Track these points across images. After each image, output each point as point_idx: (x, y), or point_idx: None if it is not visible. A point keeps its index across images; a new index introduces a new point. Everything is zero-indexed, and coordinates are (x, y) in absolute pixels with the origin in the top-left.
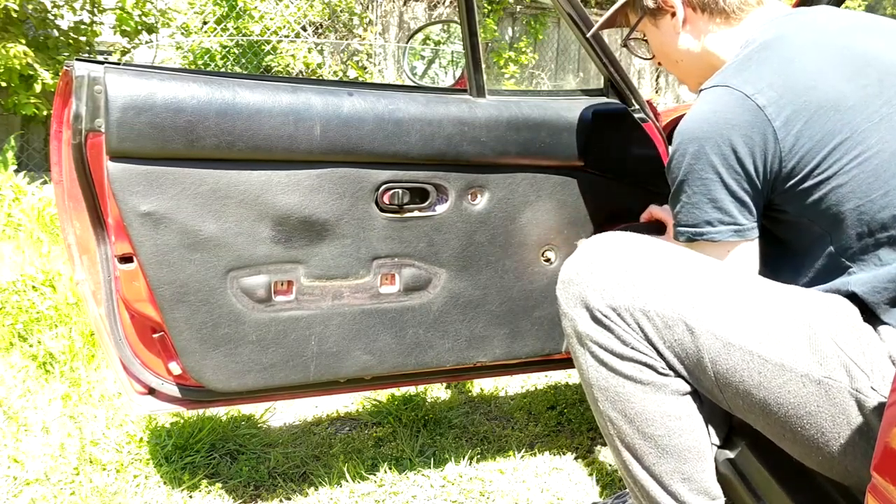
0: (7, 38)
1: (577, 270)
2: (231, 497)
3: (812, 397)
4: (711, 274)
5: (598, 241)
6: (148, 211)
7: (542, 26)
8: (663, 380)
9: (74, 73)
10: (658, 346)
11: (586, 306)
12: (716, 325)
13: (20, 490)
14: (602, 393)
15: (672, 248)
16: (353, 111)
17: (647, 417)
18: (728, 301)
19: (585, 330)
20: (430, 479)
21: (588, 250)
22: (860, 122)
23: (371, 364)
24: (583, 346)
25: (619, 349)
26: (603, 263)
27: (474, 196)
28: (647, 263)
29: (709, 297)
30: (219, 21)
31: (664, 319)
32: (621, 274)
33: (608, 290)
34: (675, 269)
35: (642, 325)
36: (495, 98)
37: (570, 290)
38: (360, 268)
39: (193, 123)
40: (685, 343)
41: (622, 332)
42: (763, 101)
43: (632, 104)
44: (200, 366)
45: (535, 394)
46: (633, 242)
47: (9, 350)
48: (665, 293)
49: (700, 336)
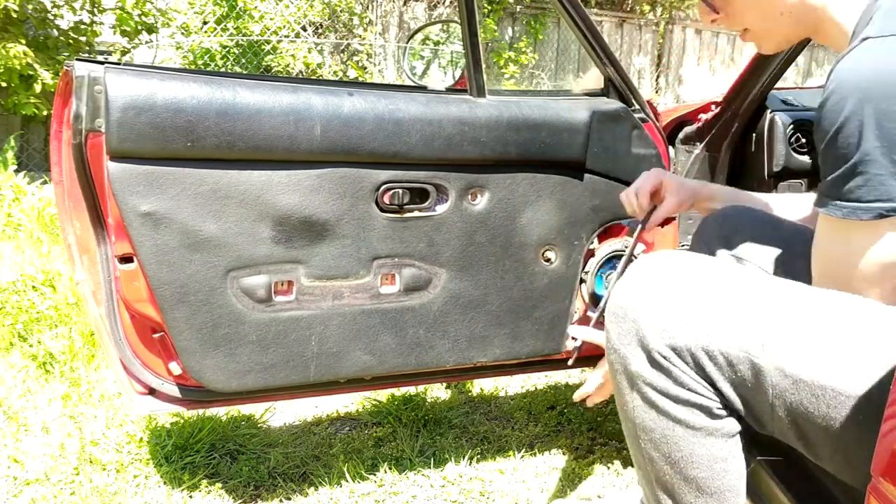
0: (7, 38)
1: (632, 304)
2: (231, 497)
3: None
4: (783, 303)
5: (652, 265)
6: (148, 211)
7: (542, 26)
8: (716, 423)
9: (74, 73)
10: (718, 384)
11: (643, 346)
12: (786, 362)
13: (20, 490)
14: (647, 433)
15: (738, 271)
16: (353, 111)
17: (693, 461)
18: (801, 335)
19: (639, 370)
20: (430, 479)
21: (642, 278)
22: None
23: (371, 364)
24: (632, 387)
25: (675, 391)
26: (662, 297)
27: (474, 196)
28: (712, 295)
29: (779, 332)
30: (219, 21)
31: (728, 358)
32: (683, 309)
33: (669, 328)
34: (742, 300)
35: (703, 364)
36: (495, 98)
37: (623, 326)
38: (360, 268)
39: (194, 123)
40: (748, 381)
41: (679, 374)
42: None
43: (632, 104)
44: (200, 366)
45: (535, 394)
46: (692, 268)
47: (9, 350)
48: (731, 330)
49: (767, 374)
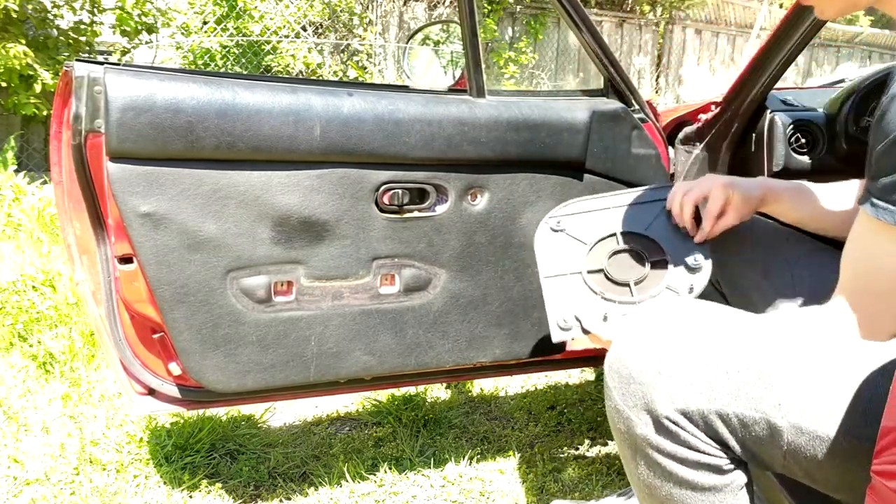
0: (7, 38)
1: (638, 366)
2: (231, 497)
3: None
4: (797, 357)
5: (656, 323)
6: (148, 211)
7: (542, 26)
8: (726, 479)
9: (74, 74)
10: (729, 443)
11: (649, 410)
12: (803, 418)
13: (20, 490)
14: (653, 491)
15: (745, 323)
16: (353, 111)
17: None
18: (818, 390)
19: (644, 434)
20: (430, 479)
21: (647, 337)
22: None
23: (371, 364)
24: (636, 450)
25: (682, 454)
26: (672, 359)
27: (474, 196)
28: (722, 354)
29: (796, 389)
30: (219, 21)
31: (743, 419)
32: (694, 373)
33: (679, 393)
34: (754, 357)
35: (716, 427)
36: (495, 98)
37: (629, 389)
38: (359, 268)
39: (193, 124)
40: (762, 439)
41: (688, 437)
42: None
43: (632, 104)
44: (200, 366)
45: (535, 394)
46: (697, 324)
47: (9, 350)
48: (746, 391)
49: (784, 432)
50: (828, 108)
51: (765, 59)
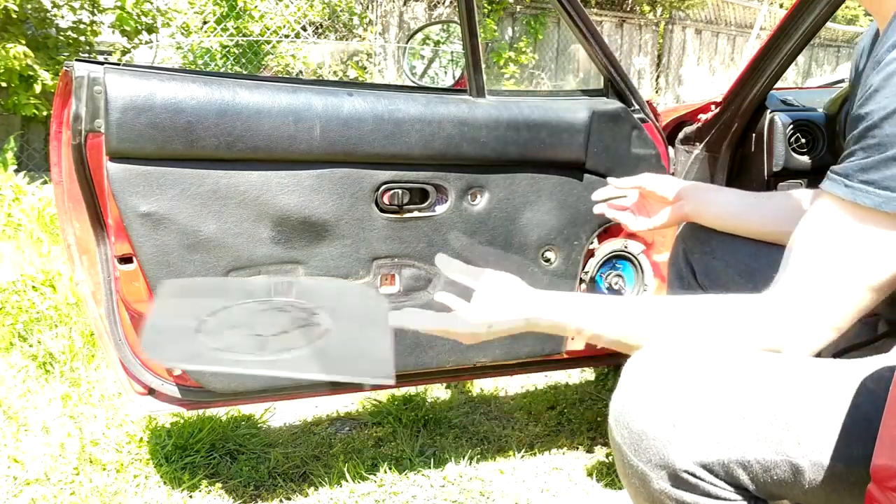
0: (7, 38)
1: (650, 421)
2: (231, 497)
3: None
4: (810, 391)
5: (657, 373)
6: (148, 211)
7: (542, 26)
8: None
9: (74, 74)
10: (749, 488)
11: (666, 465)
12: (825, 456)
13: (20, 490)
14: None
15: (748, 362)
16: (352, 111)
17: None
18: (838, 425)
19: (662, 489)
20: (430, 479)
21: (656, 388)
22: None
23: None
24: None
25: (701, 503)
26: (684, 411)
27: (474, 196)
28: (738, 398)
29: (814, 425)
30: (219, 21)
31: (764, 465)
32: (712, 423)
33: (698, 446)
34: (767, 398)
35: (736, 475)
36: (495, 98)
37: (642, 445)
38: (359, 268)
39: (193, 124)
40: (784, 480)
41: (708, 487)
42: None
43: (632, 104)
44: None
45: (535, 394)
46: (708, 369)
47: (9, 350)
48: (766, 434)
49: (805, 471)
50: (828, 108)
51: (765, 59)
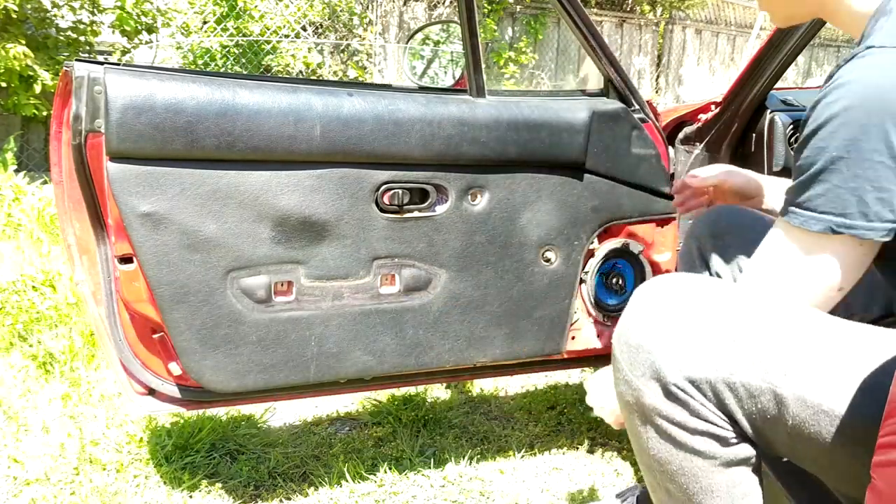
0: (7, 38)
1: (646, 335)
2: (231, 497)
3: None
4: (801, 329)
5: (662, 293)
6: (148, 211)
7: (542, 26)
8: (731, 451)
9: (74, 74)
10: (735, 415)
11: (658, 378)
12: (808, 391)
13: (20, 490)
14: (662, 466)
15: (749, 296)
16: (353, 111)
17: (712, 491)
18: (824, 363)
19: (653, 403)
20: (430, 479)
21: (654, 307)
22: None
23: (371, 364)
24: (645, 420)
25: (691, 423)
26: (678, 327)
27: (474, 196)
28: (729, 323)
29: (802, 360)
30: (219, 21)
31: (749, 389)
32: (701, 340)
33: (687, 361)
34: (760, 327)
35: (723, 396)
36: (495, 98)
37: (637, 358)
38: (360, 268)
39: (193, 124)
40: (769, 411)
41: (697, 406)
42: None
43: (632, 104)
44: (200, 366)
45: (535, 394)
46: (703, 294)
47: (9, 350)
48: (754, 360)
49: (789, 405)
50: None
51: (765, 59)
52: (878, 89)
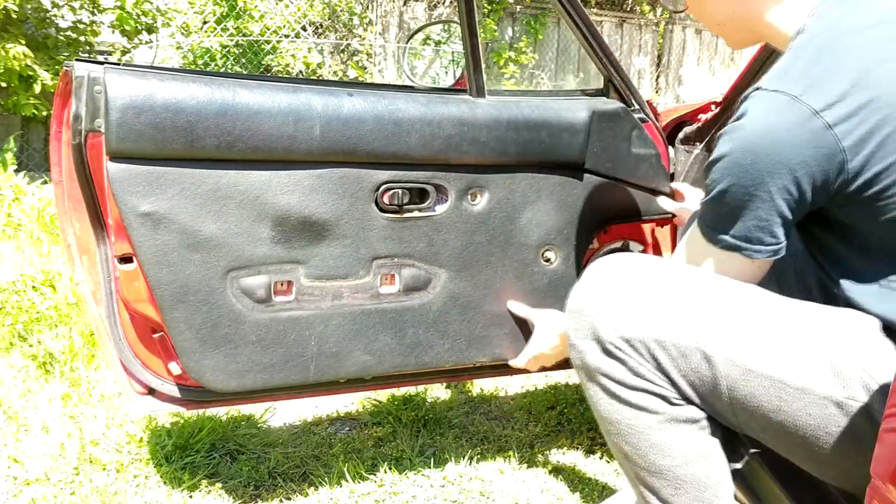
0: (7, 38)
1: (586, 301)
2: (231, 497)
3: (833, 418)
4: (728, 297)
5: (605, 266)
6: (148, 211)
7: (542, 26)
8: (676, 409)
9: (74, 74)
10: (672, 375)
11: (597, 339)
12: (734, 351)
13: (20, 490)
14: (614, 427)
15: (684, 270)
16: (352, 111)
17: (661, 449)
18: (747, 326)
19: (595, 363)
20: (430, 479)
21: (596, 277)
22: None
23: (371, 364)
24: (592, 380)
25: (631, 381)
26: (613, 292)
27: (474, 196)
28: (661, 290)
29: (727, 324)
30: (219, 21)
31: (680, 349)
32: (634, 303)
33: (620, 321)
34: (690, 294)
35: (656, 355)
36: (495, 98)
37: (579, 322)
38: (359, 268)
39: (193, 124)
40: (701, 371)
41: (634, 364)
42: (832, 118)
43: (632, 104)
44: (200, 366)
45: (535, 394)
46: (642, 267)
47: (9, 350)
48: (681, 322)
49: (718, 364)
50: None
51: (764, 58)
52: (757, 135)
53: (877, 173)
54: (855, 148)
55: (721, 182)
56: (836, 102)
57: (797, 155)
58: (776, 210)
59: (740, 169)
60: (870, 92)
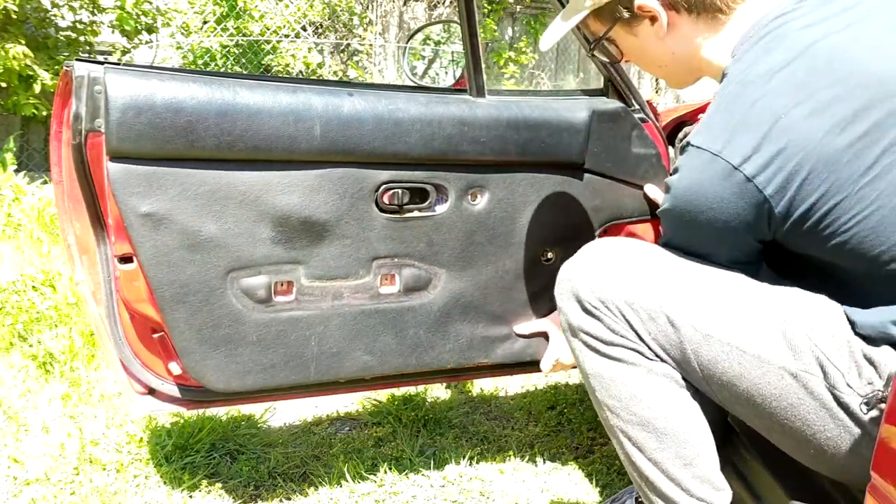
0: (7, 38)
1: (570, 269)
2: (231, 497)
3: (791, 389)
4: (693, 271)
5: (593, 244)
6: (148, 211)
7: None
8: (652, 363)
9: (74, 74)
10: (643, 336)
11: (577, 299)
12: (695, 317)
13: (20, 490)
14: (597, 380)
15: (658, 249)
16: (353, 111)
17: (641, 399)
18: (707, 295)
19: (577, 321)
20: (430, 479)
21: (583, 252)
22: (857, 178)
23: (371, 365)
24: (575, 337)
25: (608, 336)
26: (594, 261)
27: (474, 196)
28: (634, 261)
29: (689, 292)
30: (219, 21)
31: (648, 312)
32: (609, 270)
33: (597, 283)
34: (658, 266)
35: (628, 316)
36: (495, 98)
37: (563, 286)
38: (360, 268)
39: (193, 124)
40: (668, 334)
41: (610, 322)
42: (752, 169)
43: (632, 104)
44: (201, 366)
45: (535, 394)
46: (623, 244)
47: (9, 350)
48: (648, 287)
49: (681, 328)
50: None
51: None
52: (690, 192)
53: (804, 212)
54: (777, 195)
55: (669, 210)
56: (752, 155)
57: (728, 206)
58: (718, 247)
59: (681, 222)
60: (781, 140)
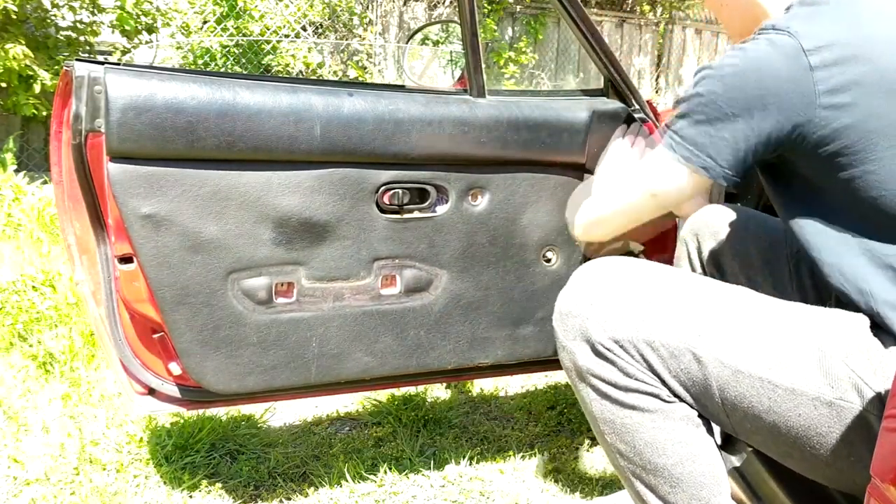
0: (7, 38)
1: (575, 302)
2: (231, 497)
3: (823, 419)
4: (716, 299)
5: (593, 269)
6: (148, 212)
7: (542, 26)
8: (669, 407)
9: (74, 74)
10: (663, 375)
11: (587, 340)
12: (724, 352)
13: (20, 490)
14: (608, 426)
15: (672, 272)
16: (353, 112)
17: (656, 447)
18: (735, 327)
19: (586, 364)
20: (430, 479)
21: (585, 280)
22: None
23: (372, 365)
24: (584, 381)
25: (623, 381)
26: (603, 294)
27: (475, 197)
28: (650, 292)
29: (715, 325)
30: (219, 21)
31: (670, 350)
32: (623, 305)
33: (610, 322)
34: (678, 296)
35: (646, 356)
36: (495, 98)
37: (568, 323)
38: (360, 269)
39: (194, 124)
40: (692, 372)
41: (625, 364)
42: (817, 60)
43: (632, 104)
44: (201, 367)
45: (535, 394)
46: (630, 269)
47: (9, 350)
48: (670, 323)
49: (708, 364)
50: None
51: None
52: (751, 60)
53: (837, 129)
54: (828, 96)
55: (700, 92)
56: (823, 47)
57: (777, 86)
58: (744, 139)
59: (723, 87)
60: (857, 48)
